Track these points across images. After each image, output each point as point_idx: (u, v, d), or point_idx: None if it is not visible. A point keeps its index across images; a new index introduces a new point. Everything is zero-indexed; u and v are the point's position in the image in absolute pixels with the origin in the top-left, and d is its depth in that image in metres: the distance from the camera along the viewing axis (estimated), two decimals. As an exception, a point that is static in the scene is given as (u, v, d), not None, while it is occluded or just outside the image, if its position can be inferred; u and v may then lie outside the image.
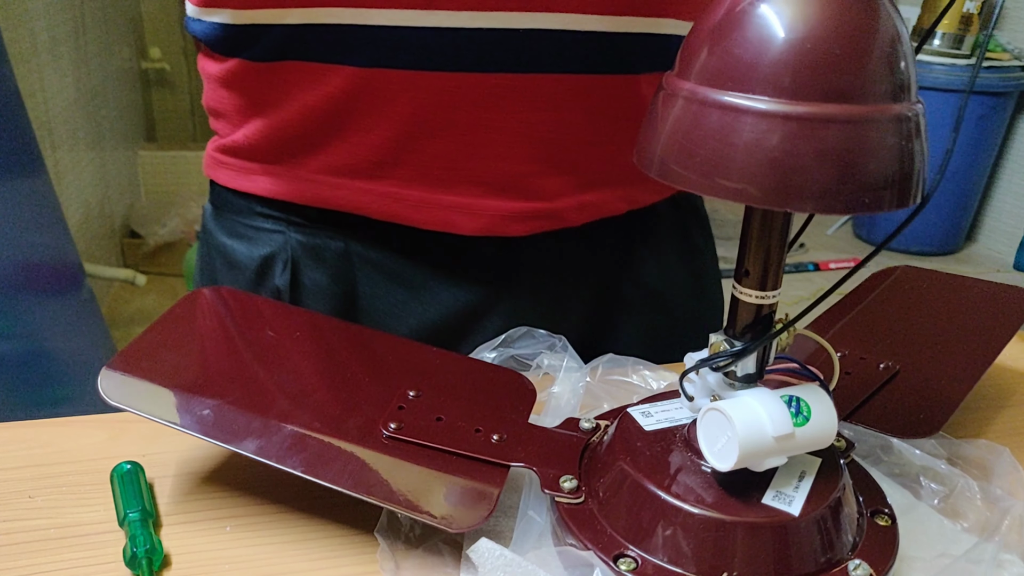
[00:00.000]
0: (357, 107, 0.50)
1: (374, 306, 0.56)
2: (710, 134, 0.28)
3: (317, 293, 0.56)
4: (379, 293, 0.56)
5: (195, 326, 0.45)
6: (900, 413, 0.44)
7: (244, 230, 0.57)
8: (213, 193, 0.60)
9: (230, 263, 0.58)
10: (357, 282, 0.56)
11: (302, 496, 0.41)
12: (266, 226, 0.56)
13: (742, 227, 0.34)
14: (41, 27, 1.93)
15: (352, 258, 0.55)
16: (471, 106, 0.49)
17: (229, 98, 0.54)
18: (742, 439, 0.33)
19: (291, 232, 0.56)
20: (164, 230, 2.65)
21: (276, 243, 0.56)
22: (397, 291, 0.56)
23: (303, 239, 0.55)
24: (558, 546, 0.37)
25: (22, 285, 1.24)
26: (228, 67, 0.52)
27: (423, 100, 0.49)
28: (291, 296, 0.56)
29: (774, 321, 0.35)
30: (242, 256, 0.57)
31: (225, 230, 0.59)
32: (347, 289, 0.56)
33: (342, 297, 0.56)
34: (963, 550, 0.35)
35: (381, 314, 0.56)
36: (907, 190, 0.29)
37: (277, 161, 0.54)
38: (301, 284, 0.56)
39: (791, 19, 0.27)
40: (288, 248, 0.56)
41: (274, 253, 0.56)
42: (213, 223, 0.60)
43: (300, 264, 0.56)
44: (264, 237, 0.56)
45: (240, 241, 0.58)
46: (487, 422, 0.41)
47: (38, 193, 1.32)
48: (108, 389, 0.38)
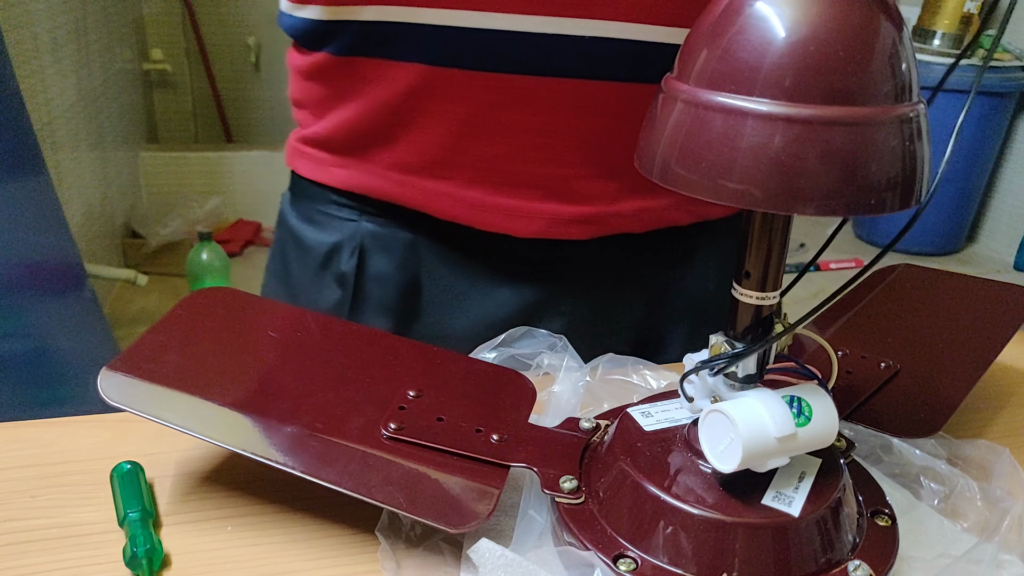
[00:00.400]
0: (421, 104, 0.52)
1: (436, 297, 0.58)
2: (712, 137, 0.28)
3: (381, 280, 0.58)
4: (441, 285, 0.58)
5: (196, 327, 0.45)
6: (900, 413, 0.44)
7: (318, 216, 0.60)
8: (292, 181, 0.63)
9: (301, 247, 0.61)
10: (421, 272, 0.58)
11: (302, 496, 0.41)
12: (339, 214, 0.59)
13: (742, 228, 0.34)
14: (43, 28, 1.94)
15: (419, 249, 0.57)
16: (521, 109, 0.51)
17: (311, 90, 0.57)
18: (745, 440, 0.32)
19: (363, 221, 0.58)
20: (166, 230, 2.65)
21: (347, 231, 0.58)
22: (459, 284, 0.58)
23: (373, 228, 0.58)
24: (558, 546, 0.37)
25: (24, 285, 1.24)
26: (311, 60, 0.55)
27: (480, 101, 0.51)
28: (355, 282, 0.58)
29: (774, 322, 0.35)
30: (312, 241, 0.60)
31: (300, 215, 0.61)
32: (411, 278, 0.58)
33: (405, 285, 0.58)
34: (963, 550, 0.35)
35: (442, 305, 0.58)
36: (910, 191, 0.29)
37: (350, 154, 0.56)
38: (366, 271, 0.58)
39: (792, 20, 0.27)
40: (358, 236, 0.58)
41: (344, 240, 0.58)
42: (289, 208, 0.63)
43: (368, 251, 0.58)
44: (336, 224, 0.59)
45: (313, 227, 0.60)
46: (488, 422, 0.41)
47: (39, 194, 1.32)
48: (108, 389, 0.38)
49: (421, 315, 0.58)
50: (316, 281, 0.61)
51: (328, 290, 0.60)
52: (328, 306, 0.60)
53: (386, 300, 0.58)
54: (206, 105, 3.28)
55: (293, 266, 0.62)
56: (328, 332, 0.48)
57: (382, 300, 0.59)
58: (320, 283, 0.60)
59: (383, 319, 0.59)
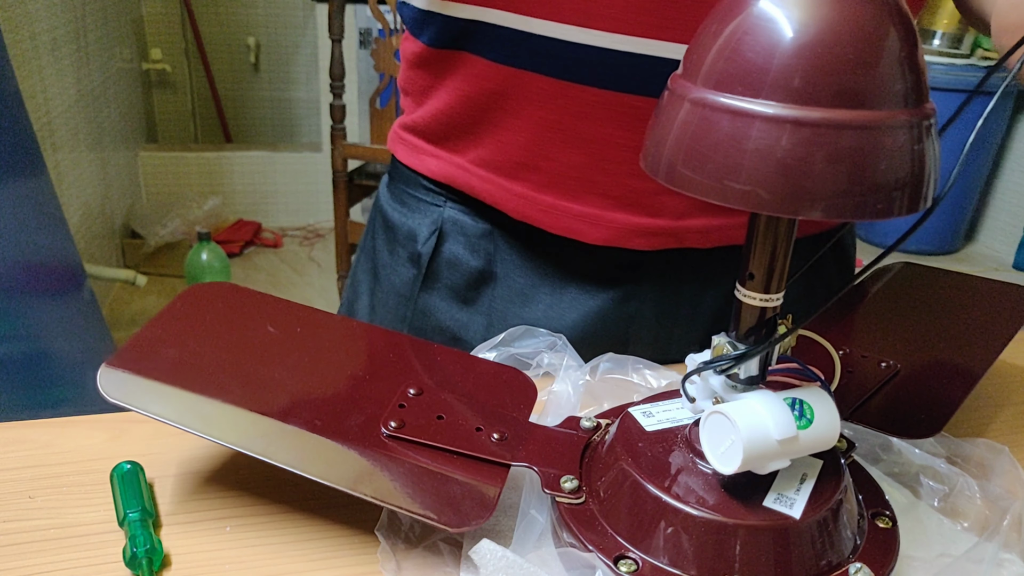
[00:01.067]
0: (507, 105, 0.53)
1: (504, 289, 0.60)
2: (718, 139, 0.28)
3: (454, 264, 0.61)
4: (511, 278, 0.60)
5: (195, 322, 0.45)
6: (901, 413, 0.44)
7: (408, 199, 0.64)
8: (391, 165, 0.67)
9: (387, 225, 0.65)
10: (495, 262, 0.60)
11: (302, 496, 0.41)
12: (426, 198, 0.62)
13: (747, 230, 0.34)
14: (42, 28, 1.93)
15: (494, 240, 0.60)
16: (607, 122, 0.52)
17: (413, 79, 0.60)
18: (746, 442, 0.32)
19: (447, 207, 0.61)
20: (165, 231, 2.65)
21: (431, 215, 0.61)
22: (528, 279, 0.59)
23: (454, 215, 0.61)
24: (559, 546, 0.37)
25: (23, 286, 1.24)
26: (415, 50, 0.58)
27: (565, 109, 0.52)
28: (429, 263, 0.61)
29: (777, 323, 0.35)
30: (398, 221, 0.64)
31: (392, 197, 0.65)
32: (483, 267, 0.60)
33: (476, 273, 0.60)
34: (963, 549, 0.35)
35: (509, 299, 0.60)
36: (918, 194, 0.28)
37: (442, 144, 0.59)
38: (441, 253, 0.61)
39: (801, 22, 0.27)
40: (439, 220, 0.61)
41: (426, 223, 0.62)
42: (385, 190, 0.67)
43: (445, 236, 0.61)
44: (423, 208, 0.62)
45: (401, 207, 0.64)
46: (488, 421, 0.41)
47: (39, 194, 1.32)
48: (107, 386, 0.38)
49: (488, 304, 0.60)
50: (394, 258, 0.64)
51: (403, 267, 0.63)
52: (401, 283, 0.63)
53: (456, 284, 0.61)
54: (205, 105, 3.28)
55: (379, 243, 0.66)
56: (328, 329, 0.48)
57: (452, 284, 0.61)
58: (397, 260, 0.64)
59: (450, 302, 0.61)
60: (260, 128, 3.37)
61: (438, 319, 0.62)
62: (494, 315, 0.60)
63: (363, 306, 0.68)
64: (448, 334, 0.62)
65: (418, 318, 0.63)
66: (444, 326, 0.62)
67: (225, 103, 3.28)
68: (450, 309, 0.61)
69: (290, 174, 3.09)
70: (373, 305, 0.67)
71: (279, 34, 3.22)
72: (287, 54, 3.25)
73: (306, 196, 3.12)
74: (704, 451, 0.35)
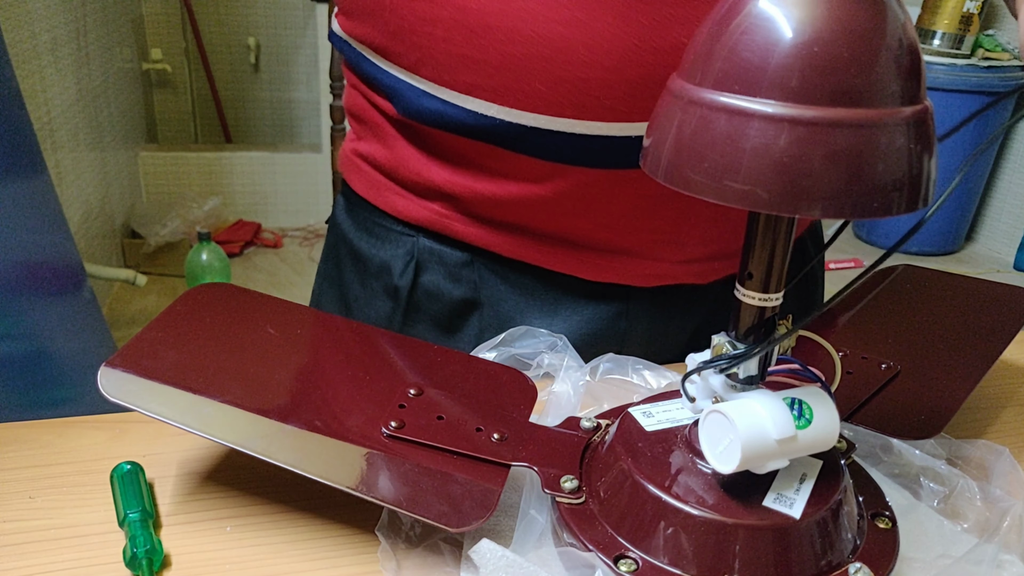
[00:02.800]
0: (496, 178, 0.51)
1: (493, 313, 0.57)
2: (717, 138, 0.28)
3: (435, 295, 0.57)
4: (500, 302, 0.57)
5: (196, 323, 0.45)
6: (901, 414, 0.44)
7: (375, 228, 0.59)
8: (346, 189, 0.62)
9: (355, 256, 0.60)
10: (479, 289, 0.57)
11: (302, 496, 0.41)
12: (396, 228, 0.57)
13: (746, 229, 0.34)
14: (42, 28, 1.94)
15: (478, 268, 0.56)
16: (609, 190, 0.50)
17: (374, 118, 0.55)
18: (744, 442, 0.32)
19: (420, 237, 0.57)
20: (165, 231, 2.65)
21: (404, 245, 0.57)
22: (517, 304, 0.57)
23: (431, 245, 0.56)
24: (559, 546, 0.37)
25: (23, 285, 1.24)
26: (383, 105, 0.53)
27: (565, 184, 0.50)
28: (408, 296, 0.57)
29: (777, 323, 0.35)
30: (367, 252, 0.59)
31: (355, 224, 0.60)
32: (467, 295, 0.57)
33: (460, 303, 0.57)
34: (963, 551, 0.35)
35: (499, 322, 0.57)
36: (916, 193, 0.28)
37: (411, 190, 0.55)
38: (421, 285, 0.57)
39: (798, 21, 0.27)
40: (415, 251, 0.57)
41: (400, 254, 0.57)
42: (344, 215, 0.62)
43: (423, 266, 0.57)
44: (394, 238, 0.58)
45: (369, 237, 0.59)
46: (488, 421, 0.41)
47: (39, 194, 1.32)
48: (108, 386, 0.38)
49: (476, 331, 0.57)
50: (367, 291, 0.60)
51: (379, 301, 0.59)
52: (379, 317, 0.59)
53: (439, 315, 0.58)
54: (205, 105, 3.28)
55: (347, 274, 0.62)
56: (328, 329, 0.48)
57: (435, 314, 0.58)
58: (371, 293, 0.60)
59: (435, 334, 0.58)
60: (260, 128, 3.37)
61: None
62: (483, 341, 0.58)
63: None
64: None
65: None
66: None
67: (225, 103, 3.28)
68: (436, 340, 0.57)
69: (290, 175, 3.09)
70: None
71: (279, 34, 3.22)
72: (287, 54, 3.25)
73: (306, 196, 3.12)
74: (703, 450, 0.35)
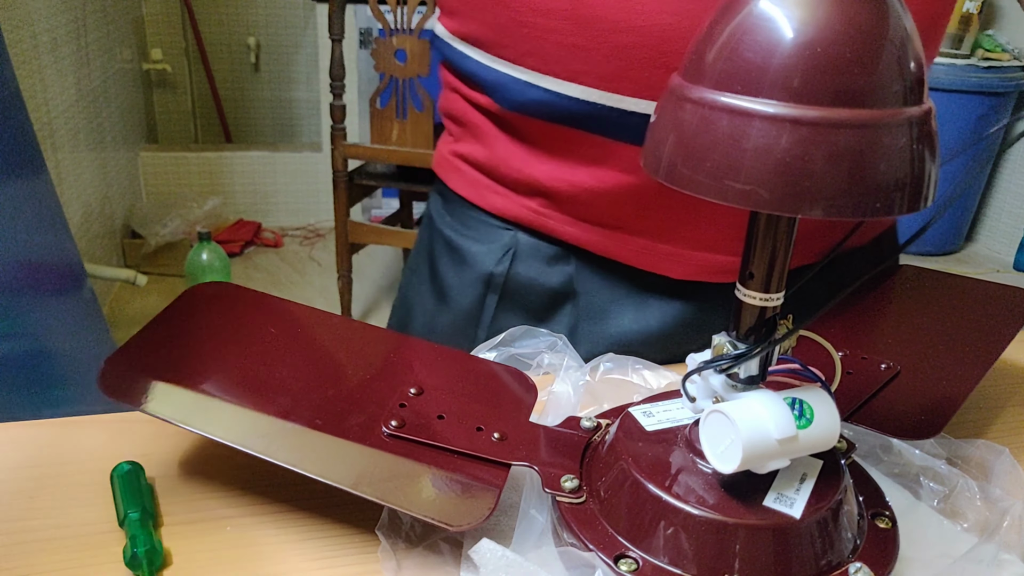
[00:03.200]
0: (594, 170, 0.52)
1: (587, 303, 0.59)
2: (718, 138, 0.28)
3: (530, 285, 0.59)
4: (593, 293, 0.59)
5: (195, 322, 0.45)
6: (901, 414, 0.44)
7: (472, 223, 0.61)
8: (442, 187, 0.64)
9: (451, 248, 0.62)
10: (574, 281, 0.59)
11: (302, 496, 0.41)
12: (494, 223, 0.60)
13: (747, 229, 0.34)
14: (42, 28, 1.94)
15: (573, 261, 0.58)
16: None
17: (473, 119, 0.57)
18: (745, 442, 0.32)
19: (518, 232, 0.59)
20: (165, 231, 2.65)
21: (502, 239, 0.59)
22: (611, 293, 0.58)
23: (529, 239, 0.59)
24: (559, 546, 0.37)
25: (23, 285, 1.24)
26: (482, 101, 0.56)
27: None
28: (504, 285, 0.59)
29: (778, 323, 0.35)
30: (462, 245, 0.61)
31: (453, 219, 0.62)
32: (562, 287, 0.59)
33: (554, 292, 0.59)
34: (963, 550, 0.35)
35: (592, 313, 0.59)
36: (918, 193, 0.28)
37: (510, 187, 0.57)
38: (516, 274, 0.59)
39: (800, 21, 0.27)
40: (514, 243, 0.59)
41: (496, 248, 0.60)
42: (441, 213, 0.64)
43: (520, 257, 0.59)
44: (492, 232, 0.60)
45: (465, 231, 0.61)
46: (488, 420, 0.41)
47: (39, 194, 1.32)
48: (107, 385, 0.38)
49: (569, 321, 0.59)
50: (463, 280, 0.62)
51: (474, 289, 0.61)
52: (473, 305, 0.61)
53: (534, 304, 0.60)
54: (206, 105, 3.28)
55: (442, 266, 0.63)
56: (328, 329, 0.48)
57: (529, 304, 0.60)
58: (467, 283, 0.62)
59: (528, 322, 0.60)
60: (260, 128, 3.37)
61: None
62: (577, 331, 0.59)
63: (418, 327, 0.66)
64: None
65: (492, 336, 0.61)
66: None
67: (225, 103, 3.28)
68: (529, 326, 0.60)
69: (290, 174, 3.09)
70: (433, 326, 0.65)
71: (279, 34, 3.22)
72: (287, 54, 3.25)
73: (306, 196, 3.12)
74: (703, 450, 0.35)
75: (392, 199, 3.02)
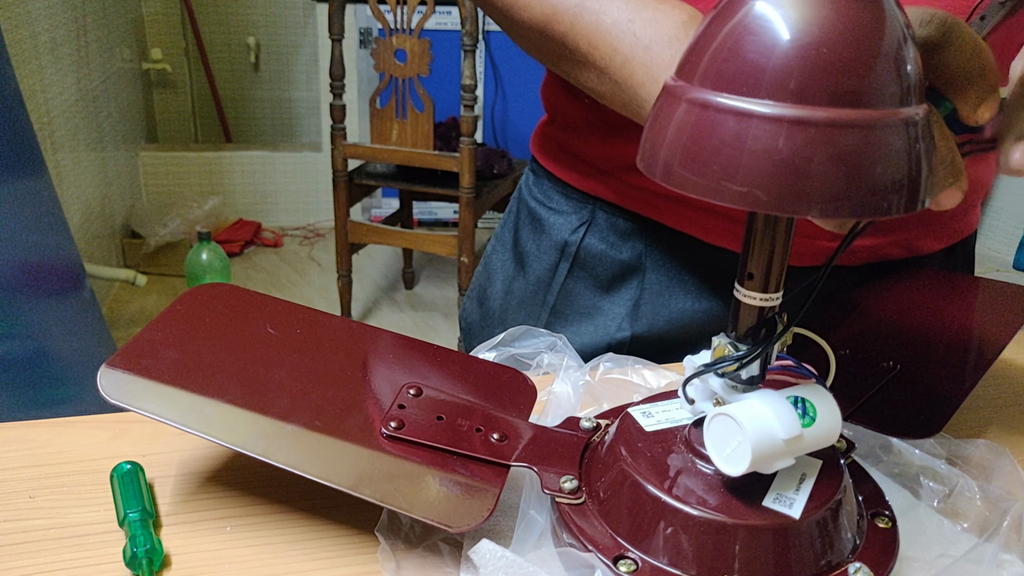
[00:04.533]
0: None
1: (654, 279, 0.62)
2: (716, 139, 0.28)
3: (600, 256, 0.63)
4: (661, 269, 0.62)
5: (195, 323, 0.45)
6: (901, 413, 0.44)
7: (555, 197, 0.66)
8: (535, 163, 0.70)
9: (534, 218, 0.68)
10: (644, 256, 0.62)
11: (302, 496, 0.41)
12: (576, 198, 0.65)
13: (746, 229, 0.34)
14: (42, 28, 1.94)
15: (645, 236, 0.62)
16: None
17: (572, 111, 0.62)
18: (754, 443, 0.32)
19: (598, 207, 0.63)
20: (165, 230, 2.65)
21: (582, 212, 0.64)
22: (674, 274, 0.61)
23: (605, 214, 0.63)
24: (558, 547, 0.37)
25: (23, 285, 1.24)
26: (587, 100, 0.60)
27: None
28: (576, 253, 0.64)
29: (778, 322, 0.35)
30: (544, 215, 0.67)
31: (540, 192, 0.68)
32: (632, 260, 0.62)
33: (624, 265, 0.63)
34: (963, 550, 0.35)
35: (659, 288, 0.62)
36: (916, 193, 0.28)
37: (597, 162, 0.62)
38: (588, 245, 0.63)
39: (797, 22, 0.27)
40: (591, 216, 0.64)
41: (574, 219, 0.64)
42: (530, 185, 0.69)
43: (595, 228, 0.63)
44: (572, 205, 0.65)
45: (548, 203, 0.67)
46: (488, 421, 0.41)
47: (39, 194, 1.32)
48: (107, 387, 0.38)
49: (635, 293, 0.62)
50: (540, 248, 0.66)
51: (548, 256, 0.66)
52: (545, 270, 0.66)
53: (601, 275, 0.63)
54: (205, 105, 3.28)
55: (523, 235, 0.68)
56: (328, 330, 0.48)
57: (598, 274, 0.63)
58: (543, 249, 0.66)
59: (594, 290, 0.64)
60: (260, 128, 3.37)
61: (580, 303, 0.64)
62: (641, 304, 0.62)
63: (497, 291, 0.70)
64: (586, 315, 0.64)
65: (560, 301, 0.65)
66: (584, 310, 0.64)
67: (225, 103, 3.28)
68: (593, 297, 0.64)
69: (290, 174, 3.09)
70: (510, 289, 0.69)
71: (279, 34, 3.22)
72: (287, 54, 3.25)
73: (306, 196, 3.12)
74: (709, 454, 0.35)
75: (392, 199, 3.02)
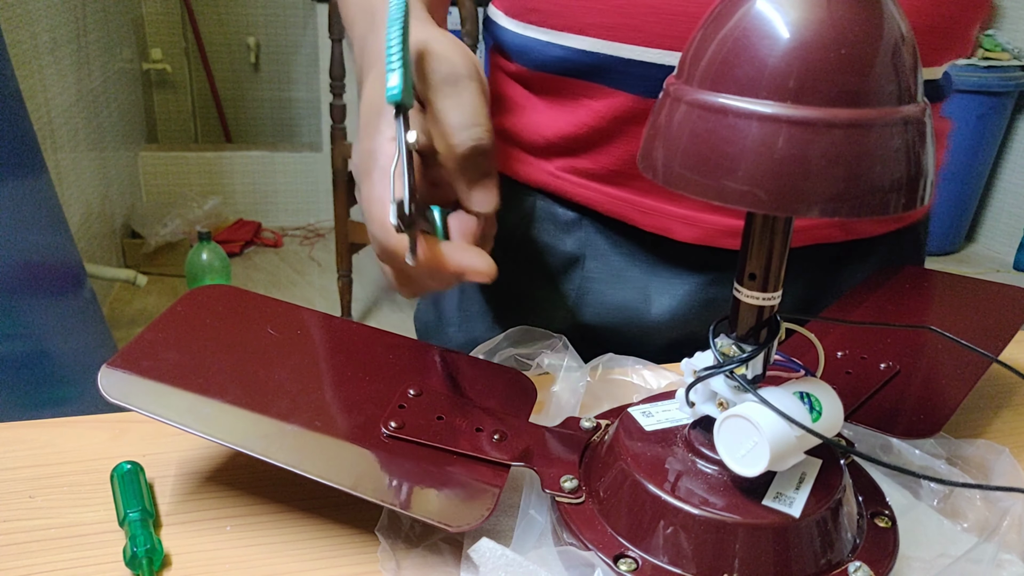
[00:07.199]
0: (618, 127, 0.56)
1: (596, 268, 0.62)
2: (715, 139, 0.28)
3: (545, 248, 0.63)
4: (602, 259, 0.62)
5: (196, 324, 0.45)
6: (901, 413, 0.44)
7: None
8: None
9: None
10: (585, 246, 0.62)
11: (302, 496, 0.41)
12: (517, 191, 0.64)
13: (744, 229, 0.34)
14: (42, 28, 1.94)
15: (585, 226, 0.62)
16: None
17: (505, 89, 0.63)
18: (771, 442, 0.32)
19: (537, 199, 0.63)
20: (165, 230, 2.65)
21: (522, 204, 0.64)
22: (620, 260, 0.61)
23: (544, 205, 0.63)
24: (559, 546, 0.37)
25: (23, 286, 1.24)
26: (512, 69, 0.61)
27: None
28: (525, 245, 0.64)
29: (778, 320, 0.35)
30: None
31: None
32: (573, 251, 0.62)
33: (567, 256, 0.63)
34: (963, 550, 0.35)
35: (602, 277, 0.62)
36: (915, 192, 0.28)
37: (530, 152, 0.62)
38: (532, 238, 0.64)
39: (796, 22, 0.27)
40: (531, 210, 0.63)
41: (516, 214, 0.64)
42: None
43: (535, 221, 0.64)
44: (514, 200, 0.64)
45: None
46: (488, 421, 0.41)
47: (39, 194, 1.32)
48: (108, 387, 0.38)
49: (577, 284, 0.62)
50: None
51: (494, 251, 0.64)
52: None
53: (547, 267, 0.63)
54: (205, 105, 3.28)
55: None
56: (328, 330, 0.48)
57: (543, 266, 0.64)
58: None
59: (542, 284, 0.64)
60: (260, 128, 3.37)
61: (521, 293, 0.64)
62: (584, 294, 0.62)
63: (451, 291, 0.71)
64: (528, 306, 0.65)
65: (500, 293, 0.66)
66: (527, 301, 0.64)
67: (225, 103, 3.28)
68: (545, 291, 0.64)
69: (290, 174, 3.09)
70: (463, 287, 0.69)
71: (279, 34, 3.22)
72: (287, 54, 3.25)
73: (306, 196, 3.12)
74: (722, 457, 0.34)
75: (392, 199, 3.01)
